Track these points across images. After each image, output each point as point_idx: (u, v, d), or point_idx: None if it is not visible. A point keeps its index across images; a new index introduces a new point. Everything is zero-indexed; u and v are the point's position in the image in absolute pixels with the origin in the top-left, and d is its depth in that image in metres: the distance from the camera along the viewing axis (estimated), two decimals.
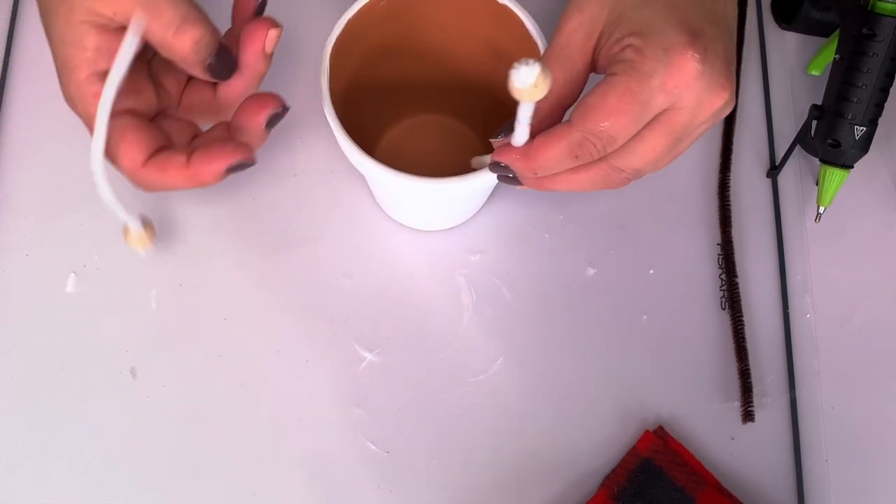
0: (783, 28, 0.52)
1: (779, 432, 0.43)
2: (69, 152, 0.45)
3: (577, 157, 0.31)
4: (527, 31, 0.37)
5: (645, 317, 0.44)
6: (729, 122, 0.48)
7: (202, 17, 0.32)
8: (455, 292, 0.44)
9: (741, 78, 0.49)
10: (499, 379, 0.42)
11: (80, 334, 0.42)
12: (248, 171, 0.46)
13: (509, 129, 0.32)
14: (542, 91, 0.27)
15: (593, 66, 0.33)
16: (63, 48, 0.32)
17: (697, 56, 0.29)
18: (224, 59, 0.34)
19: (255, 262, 0.44)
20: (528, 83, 0.27)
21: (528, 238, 0.45)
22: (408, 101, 0.44)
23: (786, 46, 0.51)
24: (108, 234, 0.44)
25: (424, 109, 0.45)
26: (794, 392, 0.43)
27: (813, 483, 0.42)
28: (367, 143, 0.36)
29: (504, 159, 0.33)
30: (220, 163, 0.33)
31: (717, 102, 0.30)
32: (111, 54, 0.31)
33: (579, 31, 0.32)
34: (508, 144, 0.32)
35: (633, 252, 0.45)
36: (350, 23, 0.37)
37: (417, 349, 0.43)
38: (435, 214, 0.43)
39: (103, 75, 0.31)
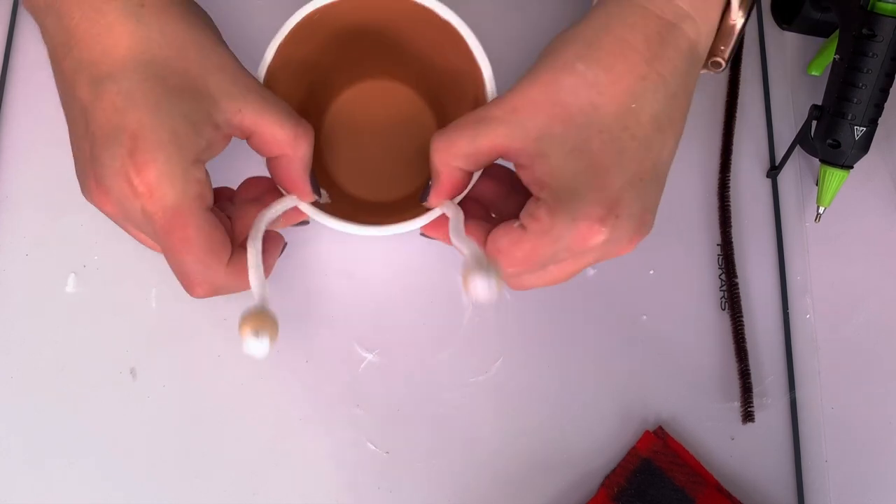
0: (783, 28, 0.52)
1: (779, 432, 0.43)
2: (69, 152, 0.45)
3: None
4: (468, 47, 0.36)
5: (645, 317, 0.44)
6: (729, 122, 0.48)
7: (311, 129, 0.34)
8: (455, 292, 0.44)
9: (741, 79, 0.49)
10: (499, 379, 0.42)
11: (80, 334, 0.42)
12: (248, 170, 0.46)
13: (428, 190, 0.35)
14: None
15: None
16: (178, 121, 0.30)
17: (604, 229, 0.30)
18: (314, 180, 0.35)
19: None
20: (487, 293, 0.28)
21: None
22: (361, 68, 0.44)
23: (786, 46, 0.51)
24: (108, 234, 0.44)
25: (376, 76, 0.45)
26: (794, 392, 0.43)
27: (813, 483, 0.42)
28: (318, 108, 0.36)
29: (430, 235, 0.36)
30: (276, 254, 0.36)
31: (622, 251, 0.32)
32: (212, 151, 0.32)
33: (502, 128, 0.32)
34: (436, 223, 0.35)
35: (633, 252, 0.45)
36: (294, 29, 0.36)
37: (417, 349, 0.43)
38: None
39: (202, 164, 0.31)
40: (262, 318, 0.30)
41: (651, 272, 0.45)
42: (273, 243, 0.35)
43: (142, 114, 0.29)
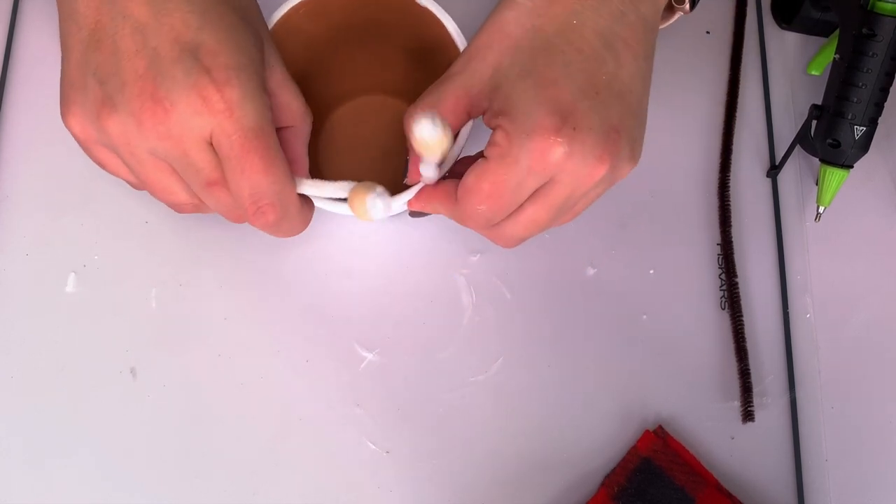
0: (783, 28, 0.52)
1: (779, 432, 0.43)
2: (69, 152, 0.45)
3: (462, 223, 0.34)
4: (447, 32, 0.38)
5: (645, 317, 0.44)
6: (729, 122, 0.48)
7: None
8: (455, 292, 0.44)
9: (741, 79, 0.50)
10: (499, 379, 0.42)
11: (80, 334, 0.42)
12: None
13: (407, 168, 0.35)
14: (441, 147, 0.30)
15: (476, 115, 0.34)
16: (252, 48, 0.31)
17: (561, 140, 0.29)
18: None
19: (255, 261, 0.44)
20: (433, 138, 0.29)
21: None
22: (353, 83, 0.44)
23: (786, 46, 0.51)
24: (108, 234, 0.44)
25: (370, 90, 0.45)
26: (794, 392, 0.43)
27: (813, 483, 0.42)
28: (314, 124, 0.37)
29: (414, 207, 0.35)
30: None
31: (595, 175, 0.31)
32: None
33: (459, 78, 0.33)
34: (422, 195, 0.35)
35: (633, 252, 0.45)
36: (279, 22, 0.37)
37: (417, 349, 0.43)
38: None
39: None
40: (370, 184, 0.32)
41: (651, 272, 0.45)
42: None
43: (220, 34, 0.29)
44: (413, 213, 0.36)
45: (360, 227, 0.45)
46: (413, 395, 0.42)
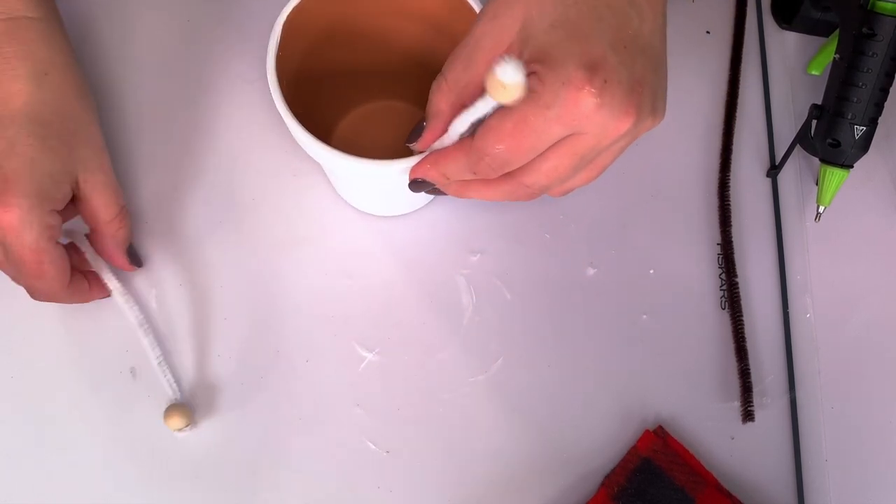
0: (783, 28, 0.52)
1: (779, 432, 0.43)
2: None
3: (474, 172, 0.33)
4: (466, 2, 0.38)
5: (645, 317, 0.44)
6: (729, 122, 0.48)
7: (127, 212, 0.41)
8: (455, 292, 0.44)
9: (741, 79, 0.50)
10: (499, 379, 0.42)
11: (80, 334, 0.42)
12: (247, 171, 0.46)
13: (420, 130, 0.34)
14: (518, 92, 0.28)
15: None
16: (45, 178, 0.37)
17: (594, 90, 0.30)
18: (135, 253, 0.43)
19: (255, 261, 0.44)
20: (516, 80, 0.27)
21: (528, 238, 0.45)
22: (361, 89, 0.44)
23: (786, 46, 0.51)
24: None
25: (379, 96, 0.45)
26: (794, 392, 0.43)
27: (813, 483, 0.42)
28: (323, 132, 0.37)
29: (418, 174, 0.35)
30: (103, 292, 0.41)
31: (621, 127, 0.31)
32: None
33: (487, 38, 0.33)
34: (424, 158, 0.35)
35: (633, 252, 0.45)
36: (295, 10, 0.37)
37: (417, 349, 0.43)
38: (390, 199, 0.44)
39: (56, 212, 0.38)
40: (185, 412, 0.39)
41: (651, 272, 0.45)
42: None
43: (18, 163, 0.36)
44: (413, 185, 0.36)
45: (359, 228, 0.45)
46: (413, 395, 0.42)
